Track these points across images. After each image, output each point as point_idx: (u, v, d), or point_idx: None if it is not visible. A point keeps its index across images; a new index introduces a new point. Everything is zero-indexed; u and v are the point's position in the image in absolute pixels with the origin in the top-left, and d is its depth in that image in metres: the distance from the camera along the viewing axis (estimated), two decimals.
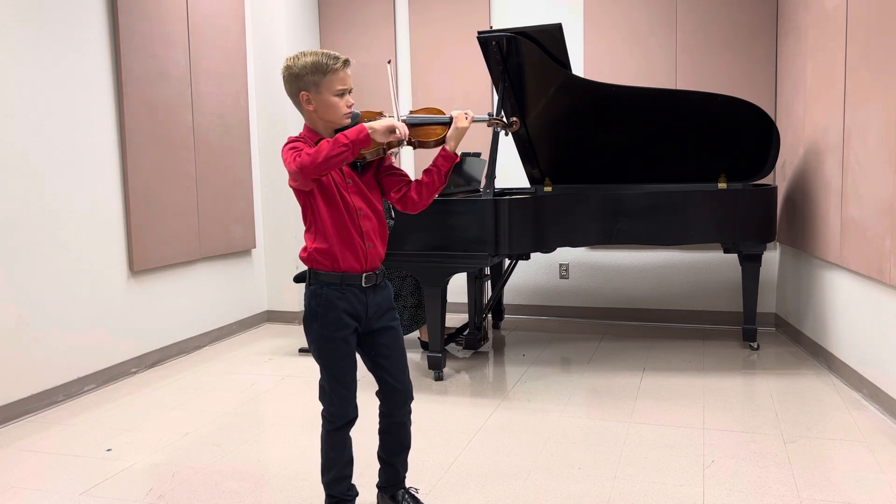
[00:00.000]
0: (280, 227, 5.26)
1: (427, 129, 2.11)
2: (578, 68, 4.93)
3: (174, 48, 4.29)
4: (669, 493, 2.42)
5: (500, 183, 5.00)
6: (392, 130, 1.92)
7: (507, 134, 2.38)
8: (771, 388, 3.51)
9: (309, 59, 1.96)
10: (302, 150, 1.88)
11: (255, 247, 5.16)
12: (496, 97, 4.63)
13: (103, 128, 3.85)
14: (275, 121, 5.18)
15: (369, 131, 1.87)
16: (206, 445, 2.97)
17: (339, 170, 2.00)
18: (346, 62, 1.99)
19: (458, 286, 5.17)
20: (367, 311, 2.06)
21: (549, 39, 3.79)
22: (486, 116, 2.25)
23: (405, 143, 2.00)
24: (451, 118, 2.08)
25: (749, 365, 3.93)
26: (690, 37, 4.76)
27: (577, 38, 4.97)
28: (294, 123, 5.20)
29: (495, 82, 4.02)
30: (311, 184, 1.93)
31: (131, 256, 4.02)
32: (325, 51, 1.98)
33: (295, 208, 5.21)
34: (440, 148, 2.09)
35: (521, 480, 2.56)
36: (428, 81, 5.34)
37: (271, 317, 5.36)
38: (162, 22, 4.20)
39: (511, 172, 5.07)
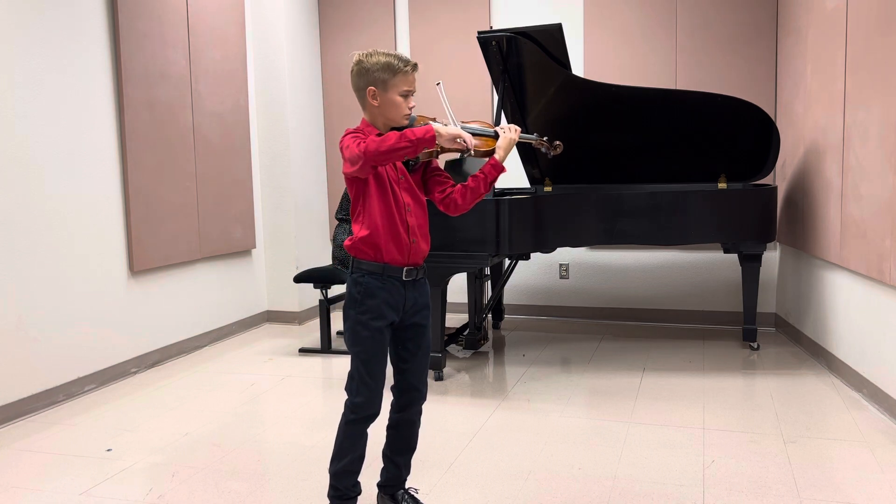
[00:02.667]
0: (280, 227, 5.26)
1: (478, 139, 2.20)
2: (578, 68, 4.93)
3: (174, 48, 4.29)
4: (669, 493, 2.43)
5: (500, 183, 5.00)
6: (456, 138, 2.01)
7: (549, 156, 2.51)
8: (771, 388, 3.51)
9: (382, 58, 2.03)
10: (367, 137, 1.95)
11: (255, 247, 5.16)
12: (496, 97, 4.63)
13: (103, 128, 3.85)
14: (275, 120, 5.18)
15: (436, 133, 1.94)
16: (206, 445, 2.97)
17: (393, 165, 2.08)
18: (415, 66, 2.07)
19: (458, 286, 5.17)
20: (405, 305, 2.11)
21: (549, 39, 3.79)
22: (534, 136, 2.41)
23: (467, 153, 2.08)
24: (497, 132, 2.19)
25: (749, 365, 3.93)
26: (690, 37, 4.76)
27: (577, 38, 4.97)
28: (294, 124, 5.21)
29: (495, 82, 4.02)
30: (369, 170, 1.98)
31: (131, 256, 4.02)
32: (396, 53, 2.06)
33: (294, 208, 5.21)
34: (489, 157, 2.18)
35: (521, 480, 2.56)
36: (428, 82, 5.32)
37: (271, 317, 5.36)
38: (162, 22, 4.20)
39: (511, 172, 5.07)
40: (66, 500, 2.51)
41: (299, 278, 4.52)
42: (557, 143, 2.39)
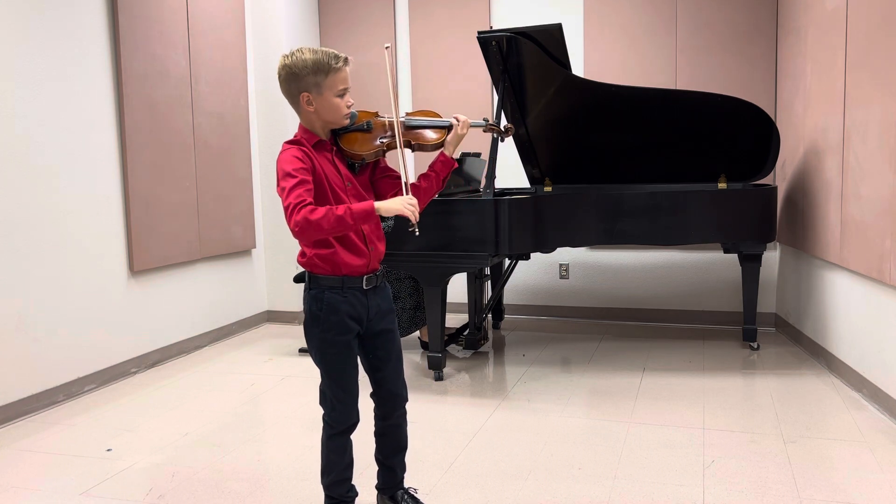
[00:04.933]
0: (280, 227, 5.26)
1: (427, 131, 2.08)
2: (578, 68, 4.93)
3: (174, 48, 4.29)
4: (669, 493, 2.42)
5: (500, 183, 5.01)
6: (401, 212, 1.85)
7: (502, 140, 2.36)
8: (771, 388, 3.51)
9: (308, 56, 1.89)
10: (302, 200, 1.78)
11: (255, 247, 5.16)
12: (496, 97, 4.63)
13: (103, 128, 3.85)
14: (275, 121, 5.18)
15: (375, 211, 1.83)
16: (206, 445, 2.97)
17: (338, 172, 1.99)
18: (347, 60, 1.94)
19: (458, 286, 5.17)
20: (368, 314, 2.05)
21: (549, 39, 3.79)
22: (482, 122, 2.19)
23: (411, 228, 1.91)
24: (451, 123, 2.06)
25: (749, 365, 3.93)
26: (690, 36, 4.76)
27: (577, 38, 4.97)
28: (294, 124, 5.20)
29: (495, 82, 4.02)
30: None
31: (131, 256, 4.02)
32: (324, 49, 1.93)
33: None
34: (438, 152, 2.07)
35: (521, 480, 2.56)
36: (428, 82, 5.34)
37: (271, 317, 5.36)
38: (162, 22, 4.20)
39: (511, 172, 5.07)
40: (66, 500, 2.51)
41: (299, 278, 4.52)
42: (509, 125, 2.29)
